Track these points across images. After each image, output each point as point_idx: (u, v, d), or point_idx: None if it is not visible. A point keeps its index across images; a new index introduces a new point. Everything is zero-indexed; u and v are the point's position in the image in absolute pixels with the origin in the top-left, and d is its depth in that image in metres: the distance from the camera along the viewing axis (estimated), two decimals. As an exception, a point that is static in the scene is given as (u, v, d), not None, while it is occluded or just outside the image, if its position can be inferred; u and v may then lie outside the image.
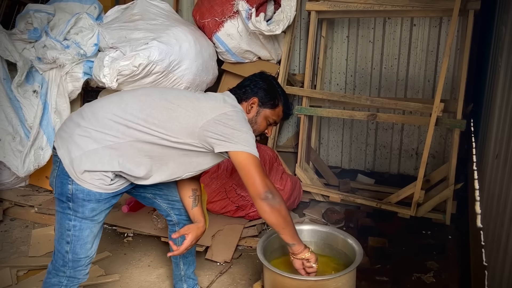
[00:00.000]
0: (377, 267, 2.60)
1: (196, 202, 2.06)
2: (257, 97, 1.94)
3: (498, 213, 1.96)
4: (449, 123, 3.09)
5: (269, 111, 1.96)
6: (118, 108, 1.78)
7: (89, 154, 1.72)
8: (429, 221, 3.13)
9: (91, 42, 3.11)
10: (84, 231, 1.80)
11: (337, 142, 4.17)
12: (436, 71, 3.69)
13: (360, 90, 3.96)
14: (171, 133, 1.76)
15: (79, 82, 3.12)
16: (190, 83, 3.16)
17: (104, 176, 1.75)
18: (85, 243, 1.82)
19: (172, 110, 1.78)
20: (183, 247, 1.93)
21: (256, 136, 1.99)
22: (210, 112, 1.78)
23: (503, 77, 2.32)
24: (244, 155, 1.74)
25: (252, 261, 2.73)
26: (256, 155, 1.76)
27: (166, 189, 2.06)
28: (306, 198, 3.46)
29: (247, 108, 1.94)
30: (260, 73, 2.04)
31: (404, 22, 3.71)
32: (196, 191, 2.08)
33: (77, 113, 1.86)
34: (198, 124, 1.76)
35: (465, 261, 2.64)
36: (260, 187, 1.73)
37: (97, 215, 1.81)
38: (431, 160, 3.81)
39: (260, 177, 1.74)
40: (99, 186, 1.76)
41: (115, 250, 2.88)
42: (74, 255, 1.82)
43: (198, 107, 1.80)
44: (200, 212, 2.06)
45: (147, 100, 1.82)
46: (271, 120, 1.99)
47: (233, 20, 3.31)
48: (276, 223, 1.80)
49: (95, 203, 1.78)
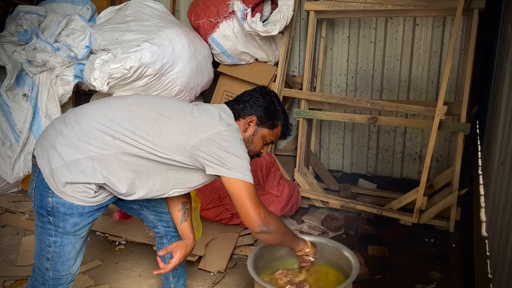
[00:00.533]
0: (377, 278, 2.49)
1: (185, 216, 1.96)
2: (255, 116, 1.82)
3: (503, 223, 1.85)
4: (453, 127, 2.98)
5: (267, 131, 1.86)
6: (105, 117, 1.67)
7: (71, 165, 1.61)
8: (432, 228, 3.02)
9: (82, 44, 3.03)
10: (66, 247, 1.70)
11: (338, 145, 4.06)
12: (440, 72, 3.57)
13: (362, 92, 3.85)
14: (160, 148, 1.65)
15: (69, 85, 3.04)
16: (184, 86, 3.06)
17: (87, 188, 1.64)
18: (67, 259, 1.72)
19: (163, 124, 1.67)
20: (170, 265, 1.83)
21: (251, 157, 1.88)
22: (203, 130, 1.67)
23: (508, 79, 2.20)
24: (237, 183, 1.65)
25: (247, 270, 2.62)
26: (250, 182, 1.67)
27: (154, 200, 1.95)
28: (305, 204, 3.36)
29: (244, 126, 1.82)
30: (261, 89, 1.91)
31: (406, 22, 3.59)
32: (186, 204, 1.97)
33: (60, 120, 1.75)
34: (190, 142, 1.65)
35: (469, 271, 2.52)
36: (254, 222, 1.66)
37: (80, 230, 1.71)
38: (435, 164, 3.69)
39: (254, 209, 1.65)
40: (82, 199, 1.65)
41: (106, 258, 2.80)
42: (55, 272, 1.72)
43: (191, 123, 1.68)
44: (189, 228, 1.96)
45: (137, 111, 1.69)
46: (268, 140, 1.89)
47: (228, 21, 3.22)
48: (275, 243, 1.82)
49: (77, 217, 1.67)
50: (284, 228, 1.80)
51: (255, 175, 2.97)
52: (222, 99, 3.52)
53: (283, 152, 3.91)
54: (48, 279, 1.73)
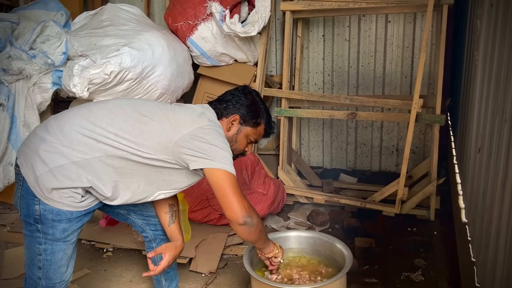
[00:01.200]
0: (366, 269, 2.57)
1: (173, 218, 1.95)
2: (238, 115, 1.83)
3: (484, 208, 1.94)
4: (429, 119, 3.09)
5: (250, 130, 1.86)
6: (87, 121, 1.67)
7: (55, 170, 1.61)
8: (414, 218, 3.12)
9: (59, 50, 2.97)
10: (57, 254, 1.69)
11: (318, 142, 4.13)
12: (413, 67, 3.69)
13: (338, 89, 3.93)
14: (143, 148, 1.65)
15: (48, 93, 2.98)
16: (165, 89, 3.06)
17: (73, 193, 1.64)
18: (59, 266, 1.70)
19: (145, 123, 1.67)
20: (160, 267, 1.82)
21: (235, 156, 1.90)
22: (185, 126, 1.67)
23: (481, 70, 2.31)
24: (220, 174, 1.63)
25: (239, 269, 2.65)
26: (233, 173, 1.66)
27: (141, 204, 1.94)
28: (290, 200, 3.41)
29: (227, 125, 1.83)
30: (243, 88, 1.93)
31: (379, 19, 3.70)
32: (173, 206, 1.97)
33: (41, 127, 1.74)
34: (172, 139, 1.65)
35: (452, 257, 2.63)
36: (238, 213, 1.63)
37: (70, 236, 1.69)
38: (412, 156, 3.82)
39: (237, 199, 1.63)
40: (69, 204, 1.64)
41: (94, 266, 2.76)
42: (48, 281, 1.70)
43: (172, 120, 1.69)
44: (177, 230, 1.96)
45: (118, 113, 1.70)
46: (252, 138, 1.89)
47: (207, 23, 3.23)
48: (251, 238, 1.78)
49: (66, 223, 1.66)
50: (262, 225, 1.78)
51: (240, 174, 2.99)
52: (203, 100, 3.53)
53: (265, 151, 3.95)
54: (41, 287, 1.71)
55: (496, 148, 1.74)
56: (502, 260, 1.53)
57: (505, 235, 1.51)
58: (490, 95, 1.96)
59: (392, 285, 2.43)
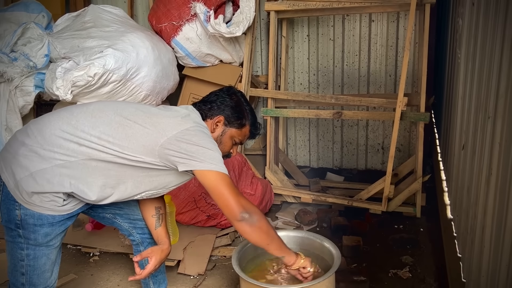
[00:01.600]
0: (354, 267, 2.58)
1: (160, 221, 1.94)
2: (223, 116, 1.81)
3: (469, 204, 1.97)
4: (413, 117, 3.12)
5: (235, 131, 1.84)
6: (68, 125, 1.64)
7: (36, 174, 1.58)
8: (400, 215, 3.15)
9: (41, 53, 2.93)
10: (40, 259, 1.66)
11: (304, 141, 4.14)
12: (397, 65, 3.73)
13: (324, 89, 3.95)
14: (128, 151, 1.62)
15: (30, 96, 2.93)
16: (150, 91, 3.03)
17: (55, 197, 1.61)
18: (42, 272, 1.68)
19: (128, 127, 1.65)
20: (146, 271, 1.81)
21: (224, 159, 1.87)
22: (170, 129, 1.65)
23: (463, 68, 2.34)
24: (212, 175, 1.61)
25: (227, 271, 2.64)
26: (225, 173, 1.64)
27: (127, 207, 1.92)
28: (278, 200, 3.41)
29: (212, 126, 1.81)
30: (227, 89, 1.91)
31: (362, 19, 3.73)
32: (159, 209, 1.95)
33: (21, 131, 1.71)
34: (158, 142, 1.63)
35: (439, 253, 2.66)
36: (235, 209, 1.62)
37: (52, 240, 1.67)
38: (397, 153, 3.85)
39: (233, 197, 1.62)
40: (51, 208, 1.62)
41: (80, 271, 2.72)
42: (32, 286, 1.68)
43: (157, 124, 1.67)
44: (164, 233, 1.94)
45: (100, 116, 1.67)
46: (237, 140, 1.87)
47: (191, 24, 3.21)
48: (259, 240, 1.71)
49: (48, 227, 1.63)
50: (269, 227, 1.72)
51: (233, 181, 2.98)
52: (189, 101, 3.51)
53: (252, 151, 3.95)
54: None
55: (480, 144, 1.76)
56: (488, 255, 1.56)
57: (490, 230, 1.54)
58: (473, 93, 1.99)
59: (380, 282, 2.45)
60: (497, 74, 1.50)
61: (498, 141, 1.46)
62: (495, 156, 1.49)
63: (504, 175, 1.37)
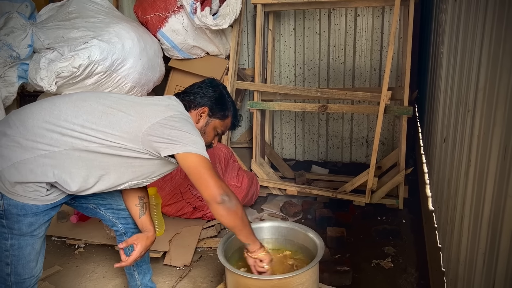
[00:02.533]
0: (337, 257, 2.63)
1: (144, 210, 1.94)
2: (207, 107, 1.86)
3: (449, 196, 2.02)
4: (397, 110, 3.17)
5: (218, 122, 1.90)
6: (51, 115, 1.63)
7: (19, 164, 1.58)
8: (383, 207, 3.21)
9: (24, 43, 2.88)
10: (25, 249, 1.66)
11: (290, 134, 4.18)
12: (381, 60, 3.77)
13: (310, 82, 3.98)
14: (111, 138, 1.63)
15: (13, 87, 2.89)
16: (136, 82, 3.02)
17: (38, 187, 1.61)
18: (27, 261, 1.68)
19: (112, 114, 1.65)
20: (132, 258, 1.82)
21: None
22: (154, 116, 1.67)
23: (446, 63, 2.39)
24: (193, 157, 1.63)
25: (213, 262, 2.66)
26: (206, 157, 1.66)
27: (110, 198, 1.93)
28: (264, 192, 3.44)
29: (196, 117, 1.86)
30: (210, 81, 1.95)
31: (348, 13, 3.75)
32: (143, 198, 1.96)
33: (2, 122, 1.70)
34: (141, 128, 1.64)
35: (420, 244, 2.72)
36: (215, 191, 1.63)
37: (37, 230, 1.67)
38: (381, 147, 3.91)
39: (214, 179, 1.63)
40: (34, 198, 1.62)
41: (65, 263, 2.72)
42: (17, 276, 1.68)
43: (140, 111, 1.68)
44: (148, 221, 1.95)
45: (83, 106, 1.67)
46: (219, 130, 1.93)
47: (177, 15, 3.20)
48: (234, 225, 1.74)
49: (32, 217, 1.63)
50: (244, 213, 1.74)
51: (214, 167, 2.99)
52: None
53: (238, 144, 3.97)
54: (10, 284, 1.69)
55: (460, 137, 1.81)
56: (466, 244, 1.61)
57: (468, 221, 1.59)
58: (455, 87, 2.03)
59: (363, 272, 2.50)
60: (477, 68, 1.54)
61: (477, 134, 1.51)
62: (474, 148, 1.53)
63: (481, 167, 1.42)
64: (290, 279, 1.77)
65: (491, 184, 1.32)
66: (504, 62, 1.24)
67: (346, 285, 2.36)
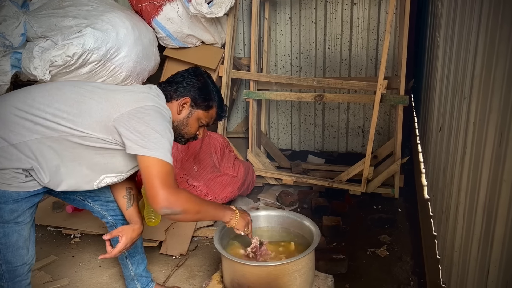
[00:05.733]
0: (333, 246, 2.64)
1: (131, 201, 1.92)
2: (189, 97, 1.78)
3: (445, 184, 2.03)
4: (393, 100, 3.17)
5: (202, 113, 1.82)
6: (24, 103, 1.61)
7: None
8: (379, 196, 3.22)
9: (17, 31, 2.85)
10: (11, 237, 1.65)
11: (286, 124, 4.17)
12: (378, 49, 3.76)
13: (306, 71, 3.96)
14: (81, 127, 1.59)
15: (6, 76, 2.86)
16: (131, 71, 2.99)
17: (15, 173, 1.59)
18: (16, 249, 1.67)
19: (83, 103, 1.63)
20: (116, 250, 1.78)
21: (188, 140, 1.86)
22: (125, 105, 1.61)
23: (442, 51, 2.38)
24: (150, 161, 1.54)
25: (209, 251, 2.67)
26: (167, 161, 1.56)
27: (98, 189, 1.89)
28: (260, 182, 3.44)
29: (178, 108, 1.77)
30: (194, 69, 1.86)
31: (344, 2, 3.73)
32: (130, 189, 1.93)
33: None
34: (111, 117, 1.60)
35: (415, 232, 2.74)
36: (158, 203, 1.55)
37: (21, 216, 1.65)
38: (377, 136, 3.91)
39: (162, 189, 1.54)
40: (13, 185, 1.60)
41: (61, 253, 2.72)
42: (8, 265, 1.67)
43: (112, 99, 1.64)
44: (136, 212, 1.92)
45: (57, 94, 1.65)
46: (204, 121, 1.84)
47: (172, 3, 3.17)
48: (186, 221, 1.74)
49: (13, 203, 1.62)
50: (199, 206, 1.67)
51: (210, 157, 2.99)
52: (170, 84, 3.48)
53: (234, 134, 3.96)
54: (3, 273, 1.68)
55: (456, 125, 1.81)
56: (461, 231, 1.61)
57: (463, 207, 1.59)
58: (451, 75, 2.03)
59: (359, 260, 2.51)
60: (473, 55, 1.54)
61: (472, 121, 1.50)
62: (470, 135, 1.54)
63: (477, 153, 1.42)
64: (286, 265, 1.78)
65: (486, 171, 1.32)
66: (500, 48, 1.23)
67: (341, 273, 2.37)
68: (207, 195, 2.88)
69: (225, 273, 1.95)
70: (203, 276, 2.44)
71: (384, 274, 2.39)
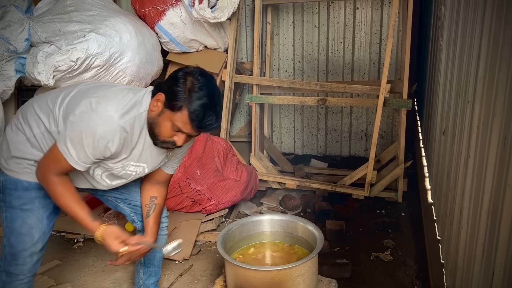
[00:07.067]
0: (337, 250, 2.63)
1: (150, 212, 1.87)
2: (163, 93, 1.58)
3: (448, 188, 2.02)
4: (396, 103, 3.17)
5: (170, 113, 1.56)
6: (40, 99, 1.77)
7: (9, 141, 1.72)
8: (383, 200, 3.21)
9: (21, 37, 2.86)
10: (15, 222, 1.74)
11: (289, 128, 4.17)
12: (380, 53, 3.76)
13: (309, 76, 3.96)
14: None
15: (11, 81, 2.87)
16: (134, 76, 3.00)
17: (28, 164, 1.70)
18: (19, 234, 1.74)
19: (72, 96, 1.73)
20: (119, 262, 1.76)
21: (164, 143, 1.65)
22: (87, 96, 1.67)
23: (445, 55, 2.38)
24: (53, 148, 1.62)
25: (212, 255, 2.67)
26: (63, 153, 1.57)
27: (127, 193, 1.93)
28: (263, 186, 3.44)
29: (153, 104, 1.61)
30: (187, 67, 1.62)
31: (347, 6, 3.74)
32: (154, 199, 1.89)
33: None
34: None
35: (419, 236, 2.72)
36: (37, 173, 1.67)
37: (27, 204, 1.73)
38: (380, 140, 3.90)
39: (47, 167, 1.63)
40: (26, 173, 1.70)
41: (65, 257, 2.72)
42: (11, 248, 1.76)
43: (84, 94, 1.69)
44: (152, 224, 1.86)
45: (63, 89, 1.78)
46: (176, 127, 1.58)
47: (175, 8, 3.18)
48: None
49: (21, 191, 1.72)
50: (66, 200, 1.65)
51: (213, 161, 2.99)
52: (173, 88, 3.49)
53: (237, 138, 3.97)
54: (6, 255, 1.78)
55: (460, 129, 1.80)
56: (465, 235, 1.61)
57: (467, 212, 1.58)
58: (454, 78, 2.03)
59: (362, 264, 2.50)
60: (476, 58, 1.54)
61: (476, 125, 1.50)
62: (473, 139, 1.53)
63: (481, 157, 1.41)
64: (290, 270, 1.77)
65: (490, 175, 1.32)
66: (503, 51, 1.23)
67: (345, 277, 2.36)
68: (210, 199, 2.88)
69: (228, 278, 1.94)
70: (206, 281, 2.43)
71: (388, 278, 2.38)
